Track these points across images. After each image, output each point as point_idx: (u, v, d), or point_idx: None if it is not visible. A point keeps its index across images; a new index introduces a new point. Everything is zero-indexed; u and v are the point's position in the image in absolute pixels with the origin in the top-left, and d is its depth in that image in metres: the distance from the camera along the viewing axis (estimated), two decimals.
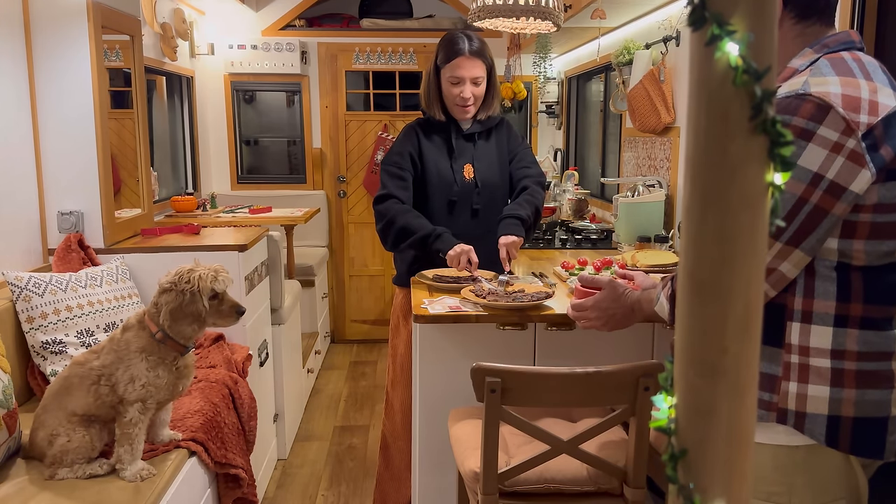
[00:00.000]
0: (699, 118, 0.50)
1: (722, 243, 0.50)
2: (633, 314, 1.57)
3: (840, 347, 1.17)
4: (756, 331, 0.52)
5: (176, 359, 1.81)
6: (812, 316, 1.19)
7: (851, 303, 1.17)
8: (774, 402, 1.20)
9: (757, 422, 1.19)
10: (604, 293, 1.61)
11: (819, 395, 1.18)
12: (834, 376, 1.18)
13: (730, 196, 0.49)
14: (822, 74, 1.18)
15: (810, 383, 1.18)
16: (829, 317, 1.18)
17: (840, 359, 1.17)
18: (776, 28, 0.50)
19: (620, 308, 1.58)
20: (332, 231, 5.02)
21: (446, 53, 2.29)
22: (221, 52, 4.69)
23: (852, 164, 1.11)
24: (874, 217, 1.14)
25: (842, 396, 1.17)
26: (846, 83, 1.16)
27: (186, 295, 1.76)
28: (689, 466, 0.53)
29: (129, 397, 1.75)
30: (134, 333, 1.80)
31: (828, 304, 1.18)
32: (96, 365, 1.78)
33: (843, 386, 1.17)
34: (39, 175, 2.55)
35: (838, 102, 1.13)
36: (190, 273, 1.79)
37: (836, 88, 1.15)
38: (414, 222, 2.25)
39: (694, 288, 0.52)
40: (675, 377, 0.54)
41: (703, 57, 0.49)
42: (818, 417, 1.18)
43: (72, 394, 1.79)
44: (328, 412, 3.82)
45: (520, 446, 1.74)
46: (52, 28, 2.48)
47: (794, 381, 1.19)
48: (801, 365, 1.19)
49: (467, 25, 4.08)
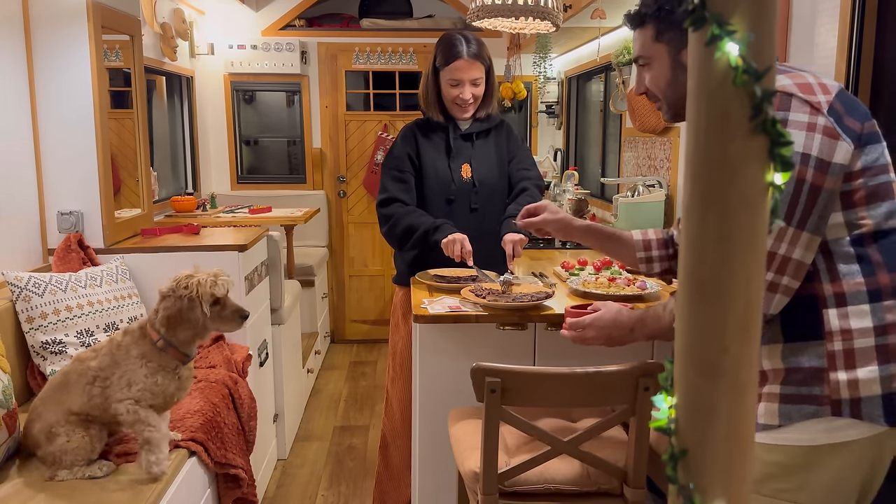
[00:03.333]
0: (699, 118, 0.50)
1: (722, 243, 0.50)
2: (632, 333, 1.56)
3: (881, 322, 1.18)
4: (756, 331, 0.52)
5: (177, 367, 1.79)
6: (846, 297, 1.19)
7: (877, 274, 1.19)
8: (826, 394, 1.20)
9: (809, 418, 1.20)
10: (602, 312, 1.60)
11: (869, 376, 1.18)
12: (880, 353, 1.18)
13: (730, 196, 0.49)
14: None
15: (858, 367, 1.18)
16: (863, 293, 1.19)
17: (884, 334, 1.18)
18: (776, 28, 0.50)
19: (619, 328, 1.58)
20: (332, 231, 5.02)
21: (445, 56, 2.29)
22: (221, 52, 4.69)
23: (829, 138, 1.17)
24: (865, 182, 1.20)
25: (891, 372, 1.17)
26: (792, 76, 1.24)
27: (185, 301, 1.74)
28: (689, 466, 0.53)
29: (119, 397, 1.74)
30: (134, 339, 1.79)
31: (857, 281, 1.19)
32: (93, 366, 1.78)
33: (890, 361, 1.18)
34: (39, 175, 2.54)
35: (795, 90, 1.21)
36: (188, 279, 1.76)
37: (787, 80, 1.23)
38: (416, 220, 2.27)
39: (694, 288, 0.52)
40: (675, 377, 0.54)
41: (703, 57, 0.49)
42: (873, 399, 1.18)
43: (70, 391, 1.78)
44: (328, 412, 3.82)
45: (520, 446, 1.74)
46: (52, 28, 2.48)
47: (841, 370, 1.19)
48: (846, 350, 1.19)
49: (467, 25, 4.08)
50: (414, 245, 2.28)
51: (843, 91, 1.25)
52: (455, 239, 2.17)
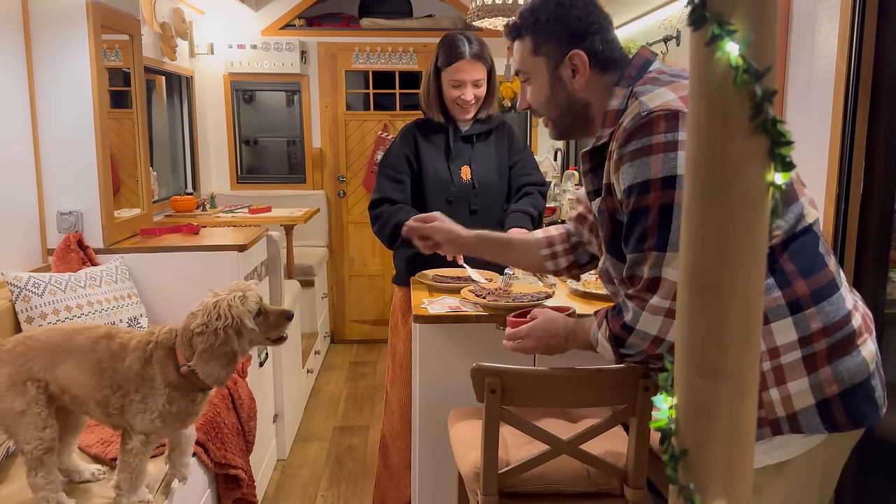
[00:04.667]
0: (699, 118, 0.50)
1: (722, 243, 0.50)
2: (566, 342, 1.53)
3: (806, 333, 1.16)
4: (757, 331, 0.52)
5: (195, 396, 1.68)
6: (767, 315, 1.17)
7: (794, 284, 1.17)
8: (763, 416, 1.18)
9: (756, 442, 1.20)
10: (537, 321, 1.56)
11: (800, 388, 1.17)
12: (807, 363, 1.16)
13: (730, 196, 0.49)
14: (649, 92, 1.22)
15: (788, 382, 1.17)
16: (783, 308, 1.17)
17: (808, 343, 1.16)
18: (776, 28, 0.50)
19: (554, 336, 1.54)
20: (332, 231, 5.02)
21: (447, 56, 2.29)
22: (221, 52, 4.69)
23: None
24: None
25: (820, 379, 1.16)
26: (674, 88, 1.20)
27: (221, 333, 1.59)
28: (690, 467, 0.53)
29: (136, 426, 1.63)
30: (162, 361, 1.64)
31: (774, 297, 1.17)
32: (121, 367, 1.63)
33: (818, 368, 1.16)
34: (39, 175, 2.54)
35: (680, 105, 1.16)
36: (217, 306, 1.60)
37: (670, 94, 1.18)
38: (404, 217, 2.24)
39: (694, 288, 0.52)
40: (676, 377, 0.54)
41: (704, 57, 0.49)
42: (808, 410, 1.17)
43: (74, 354, 1.63)
44: (328, 412, 3.82)
45: (520, 446, 1.74)
46: (52, 28, 2.48)
47: (773, 388, 1.18)
48: (775, 368, 1.18)
49: (467, 25, 4.08)
50: (403, 242, 2.28)
51: None
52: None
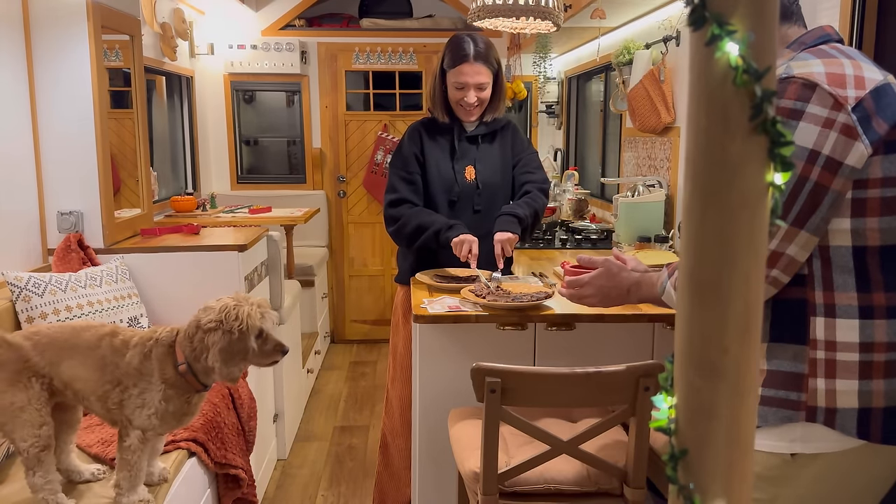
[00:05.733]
0: (699, 118, 0.50)
1: (722, 243, 0.50)
2: (628, 294, 1.52)
3: (868, 340, 1.15)
4: (756, 331, 0.52)
5: (191, 396, 1.70)
6: (836, 309, 1.16)
7: (873, 293, 1.15)
8: (803, 400, 1.18)
9: (785, 422, 1.18)
10: (600, 271, 1.56)
11: (848, 389, 1.16)
12: (862, 369, 1.15)
13: (730, 196, 0.49)
14: (804, 59, 1.20)
15: (838, 378, 1.16)
16: (854, 308, 1.16)
17: (869, 351, 1.15)
18: (776, 28, 0.50)
19: (616, 287, 1.53)
20: (332, 231, 5.02)
21: (452, 57, 2.29)
22: (221, 52, 4.69)
23: (846, 137, 1.11)
24: (883, 192, 1.13)
25: (871, 388, 1.15)
26: (828, 63, 1.17)
27: (235, 333, 1.61)
28: (689, 467, 0.53)
29: (134, 421, 1.65)
30: (161, 355, 1.66)
31: (849, 295, 1.16)
32: (122, 362, 1.65)
33: (872, 378, 1.15)
34: (39, 175, 2.54)
35: (823, 80, 1.14)
36: (237, 309, 1.63)
37: (820, 68, 1.16)
38: (427, 220, 2.28)
39: (694, 288, 0.52)
40: (676, 377, 0.54)
41: (703, 57, 0.49)
42: (849, 412, 1.16)
43: (79, 350, 1.64)
44: (328, 412, 3.82)
45: (520, 446, 1.74)
46: (52, 28, 2.48)
47: (821, 378, 1.17)
48: (828, 360, 1.17)
49: (467, 25, 4.07)
50: (423, 243, 2.29)
51: (887, 87, 1.16)
52: (465, 240, 2.18)
